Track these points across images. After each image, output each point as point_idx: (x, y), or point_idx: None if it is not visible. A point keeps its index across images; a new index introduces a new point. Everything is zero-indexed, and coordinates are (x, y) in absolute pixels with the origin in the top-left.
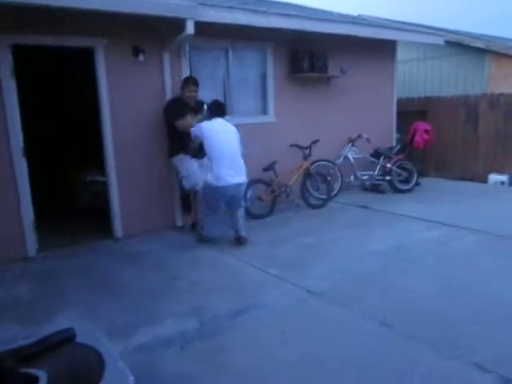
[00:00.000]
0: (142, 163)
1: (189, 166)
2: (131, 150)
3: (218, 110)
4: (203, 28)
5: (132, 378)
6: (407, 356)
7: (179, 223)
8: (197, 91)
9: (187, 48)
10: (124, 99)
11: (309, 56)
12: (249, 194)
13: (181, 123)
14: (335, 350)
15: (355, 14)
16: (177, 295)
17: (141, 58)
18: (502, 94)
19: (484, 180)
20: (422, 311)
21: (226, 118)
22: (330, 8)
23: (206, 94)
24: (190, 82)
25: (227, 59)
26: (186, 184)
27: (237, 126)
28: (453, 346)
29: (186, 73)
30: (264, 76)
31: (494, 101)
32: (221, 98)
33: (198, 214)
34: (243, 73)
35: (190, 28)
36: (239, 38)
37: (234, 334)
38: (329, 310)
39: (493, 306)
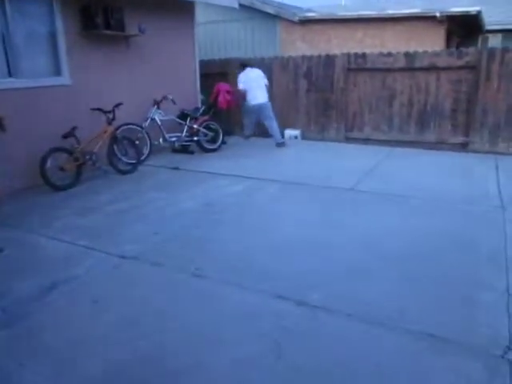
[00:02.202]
0: None
1: None
2: None
3: (245, 65)
4: None
5: None
6: (218, 298)
7: None
8: None
9: None
10: None
11: (103, 11)
12: (48, 164)
13: None
14: (150, 308)
15: None
16: None
17: None
18: (290, 57)
19: (281, 135)
20: (229, 258)
21: (11, 79)
22: None
23: None
24: None
25: (4, 11)
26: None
27: (26, 89)
28: (256, 283)
29: None
30: (53, 32)
31: (284, 63)
32: (2, 57)
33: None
34: (27, 28)
35: None
36: None
37: (43, 314)
38: (143, 271)
39: (289, 245)
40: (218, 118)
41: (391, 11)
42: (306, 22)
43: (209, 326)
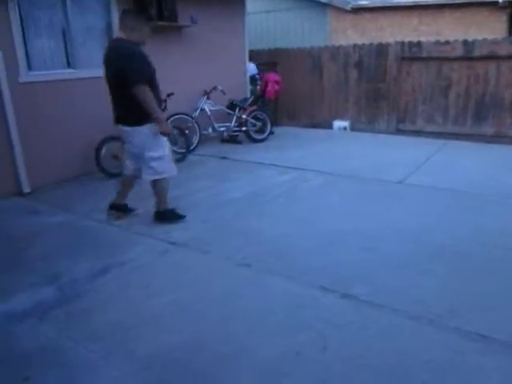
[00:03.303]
0: None
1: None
2: None
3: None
4: None
5: None
6: (264, 288)
7: (26, 189)
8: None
9: None
10: None
11: (157, 3)
12: (103, 152)
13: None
14: (200, 294)
15: None
16: (28, 264)
17: None
18: (341, 46)
19: (330, 126)
20: (275, 249)
21: (70, 70)
22: None
23: (44, 44)
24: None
25: (65, 6)
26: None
27: (84, 79)
28: (302, 273)
29: (15, 22)
30: (109, 25)
31: (334, 52)
32: (61, 49)
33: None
34: (85, 21)
35: None
36: None
37: (97, 295)
38: (192, 258)
39: (335, 237)
40: (267, 107)
41: None
42: (358, 10)
43: (255, 314)
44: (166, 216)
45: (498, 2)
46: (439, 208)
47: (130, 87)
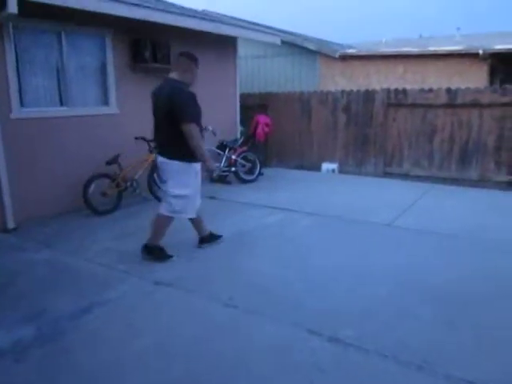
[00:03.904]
0: None
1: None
2: None
3: None
4: (29, 8)
5: None
6: (251, 329)
7: (11, 225)
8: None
9: (11, 30)
10: None
11: (151, 46)
12: (91, 189)
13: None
14: (182, 335)
15: (200, 8)
16: (8, 302)
17: None
18: (329, 92)
19: (318, 168)
20: (264, 288)
21: (62, 108)
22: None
23: (38, 81)
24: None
25: (60, 44)
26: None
27: (75, 117)
28: (289, 316)
29: (11, 59)
30: (104, 65)
31: (323, 97)
32: (55, 87)
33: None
34: (80, 60)
35: (12, 5)
36: (73, 21)
37: (78, 334)
38: (177, 298)
39: (323, 279)
40: (256, 149)
41: (432, 48)
42: (346, 57)
43: (240, 357)
44: (154, 252)
45: (478, 53)
46: (426, 251)
47: (179, 125)
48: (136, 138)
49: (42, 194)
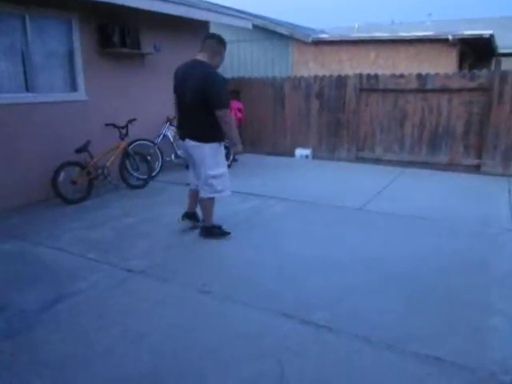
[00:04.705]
0: None
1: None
2: None
3: None
4: None
5: None
6: (224, 315)
7: None
8: None
9: None
10: None
11: (120, 30)
12: (61, 177)
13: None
14: (155, 323)
15: None
16: None
17: None
18: (302, 77)
19: (292, 154)
20: (236, 275)
21: (28, 94)
22: None
23: (2, 67)
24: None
25: (25, 29)
26: (221, 184)
27: (42, 104)
28: (263, 301)
29: None
30: (71, 50)
31: (296, 83)
32: (20, 73)
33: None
34: (46, 45)
35: None
36: (37, 5)
37: (47, 327)
38: (150, 286)
39: (296, 263)
40: None
41: (404, 33)
42: (318, 42)
43: (213, 343)
44: (213, 232)
45: (448, 39)
46: (397, 234)
47: (214, 109)
48: (107, 125)
49: (8, 184)
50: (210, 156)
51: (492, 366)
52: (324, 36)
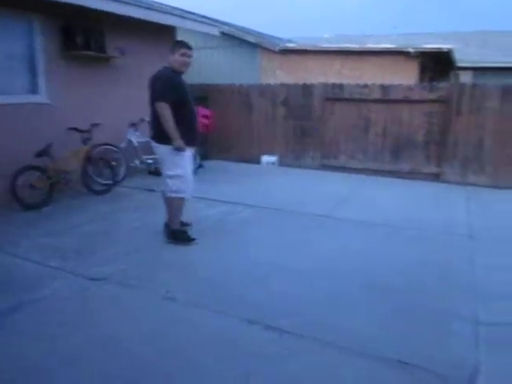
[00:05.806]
0: None
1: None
2: None
3: None
4: None
5: None
6: (188, 322)
7: None
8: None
9: None
10: None
11: (84, 33)
12: (19, 181)
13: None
14: (118, 331)
15: None
16: None
17: None
18: (269, 85)
19: (259, 161)
20: (201, 281)
21: None
22: None
23: None
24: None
25: None
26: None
27: (2, 106)
28: (229, 307)
29: None
30: (33, 51)
31: (262, 90)
32: None
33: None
34: (6, 46)
35: None
36: None
37: (5, 335)
38: (113, 293)
39: (262, 270)
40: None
41: (370, 45)
42: (286, 51)
43: (178, 350)
44: (176, 236)
45: (409, 52)
46: (361, 240)
47: (153, 104)
48: (69, 129)
49: None
50: (167, 156)
51: (451, 368)
52: (291, 45)
